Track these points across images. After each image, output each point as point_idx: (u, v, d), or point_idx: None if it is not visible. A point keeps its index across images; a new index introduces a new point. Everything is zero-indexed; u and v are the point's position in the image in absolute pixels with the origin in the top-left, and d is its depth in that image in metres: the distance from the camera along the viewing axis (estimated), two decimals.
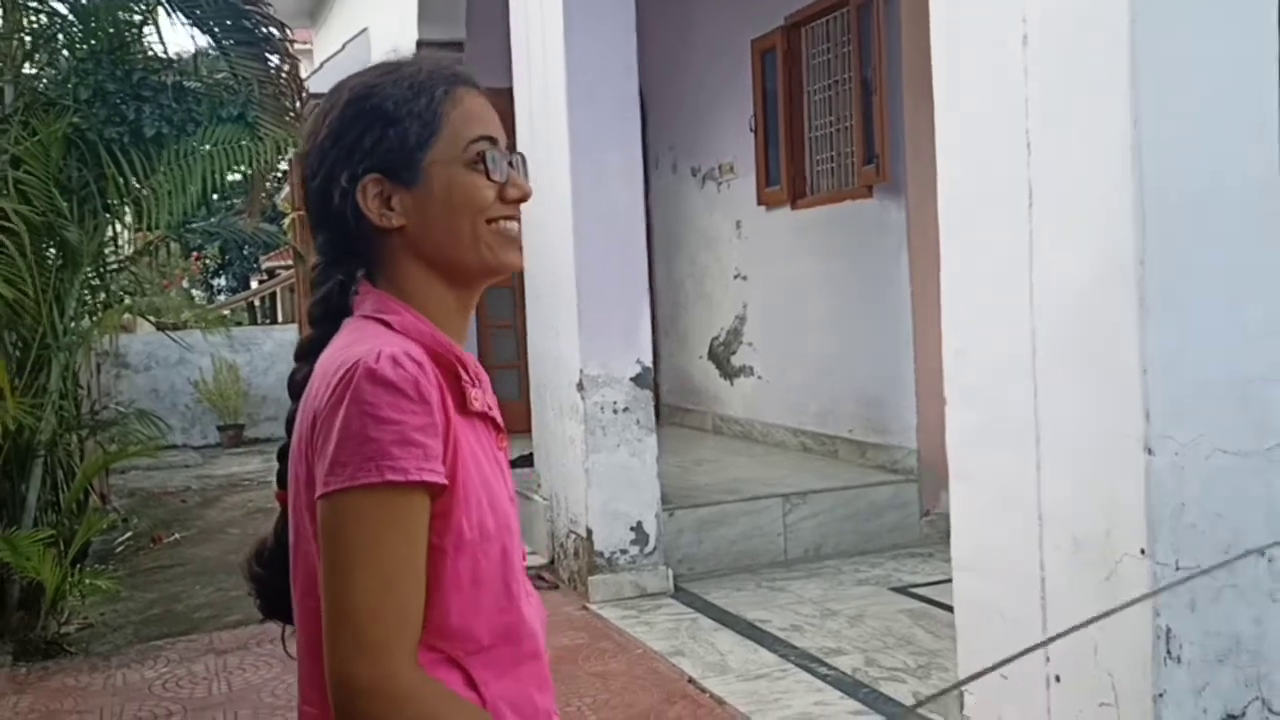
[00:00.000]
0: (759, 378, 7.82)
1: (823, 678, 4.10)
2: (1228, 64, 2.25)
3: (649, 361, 5.41)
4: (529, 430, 6.20)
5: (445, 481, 1.15)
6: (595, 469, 5.29)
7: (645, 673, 4.33)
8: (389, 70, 1.28)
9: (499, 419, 1.30)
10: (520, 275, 6.24)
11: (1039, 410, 2.45)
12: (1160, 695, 2.22)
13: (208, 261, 17.12)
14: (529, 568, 5.66)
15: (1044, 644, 2.34)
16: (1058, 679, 2.46)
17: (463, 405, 1.22)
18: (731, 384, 8.19)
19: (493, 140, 1.27)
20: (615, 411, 5.33)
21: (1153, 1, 2.18)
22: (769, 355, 7.68)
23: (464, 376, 1.24)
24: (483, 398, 1.27)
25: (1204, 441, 2.22)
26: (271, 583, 1.32)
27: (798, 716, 3.76)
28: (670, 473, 6.49)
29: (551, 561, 5.79)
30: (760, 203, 7.57)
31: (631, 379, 5.35)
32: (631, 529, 5.33)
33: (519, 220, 1.30)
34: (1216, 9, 2.23)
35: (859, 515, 5.95)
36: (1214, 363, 2.23)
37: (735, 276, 8.05)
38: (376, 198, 1.24)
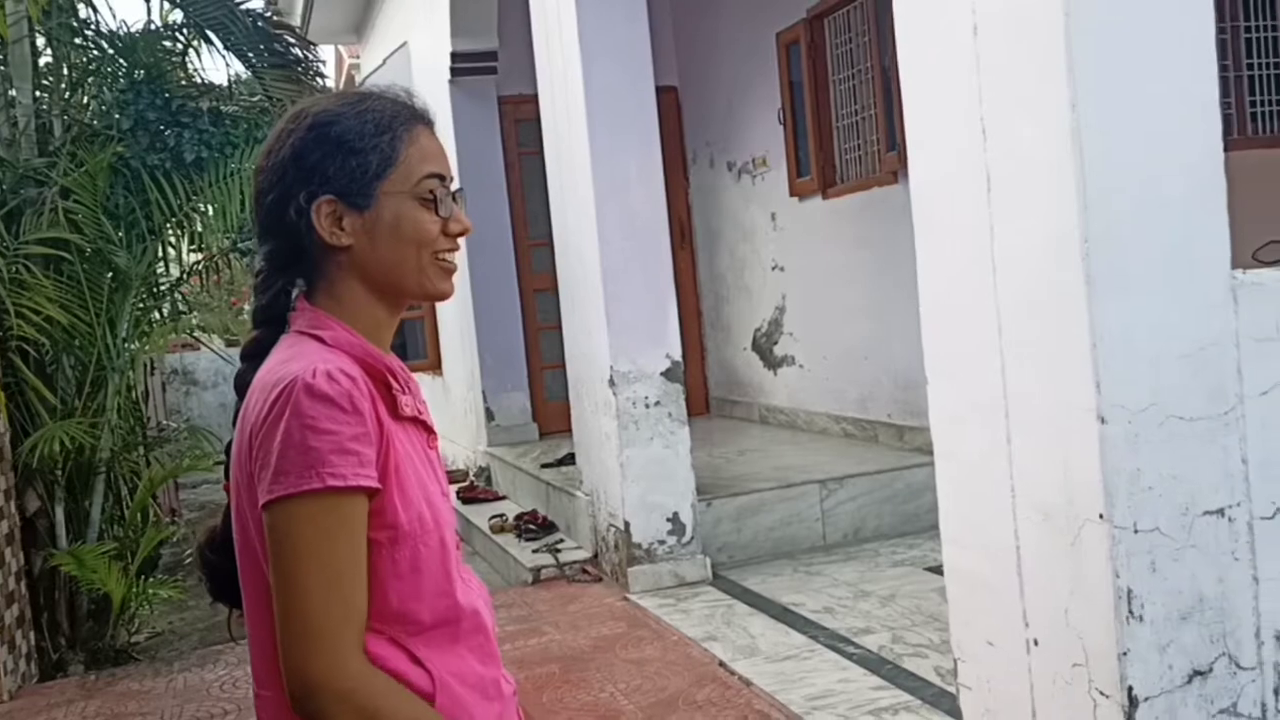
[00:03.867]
0: (801, 367, 7.90)
1: (849, 656, 4.19)
2: (1165, 47, 2.32)
3: (678, 356, 5.53)
4: (572, 429, 6.37)
5: (378, 485, 1.27)
6: (630, 463, 5.43)
7: (679, 658, 4.46)
8: (353, 103, 1.40)
9: (430, 422, 1.44)
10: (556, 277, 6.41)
11: (1006, 386, 2.54)
12: (1125, 654, 2.30)
13: None
14: (574, 562, 5.90)
15: None
16: (1036, 643, 2.54)
17: (394, 411, 1.35)
18: (775, 374, 8.28)
19: (441, 178, 1.40)
20: (647, 406, 5.46)
21: None
22: (809, 344, 7.76)
23: (394, 385, 1.37)
24: (412, 403, 1.39)
25: (1157, 409, 2.29)
26: (222, 568, 1.44)
27: (820, 694, 3.86)
28: (713, 464, 6.62)
29: (595, 555, 5.94)
30: (793, 194, 7.65)
31: (661, 374, 5.48)
32: (668, 520, 5.45)
33: (458, 251, 1.44)
34: None
35: (897, 497, 6.01)
36: (1163, 334, 2.30)
37: (773, 268, 8.13)
38: (329, 217, 1.36)
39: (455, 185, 1.44)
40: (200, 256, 6.64)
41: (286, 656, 1.24)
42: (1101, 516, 2.28)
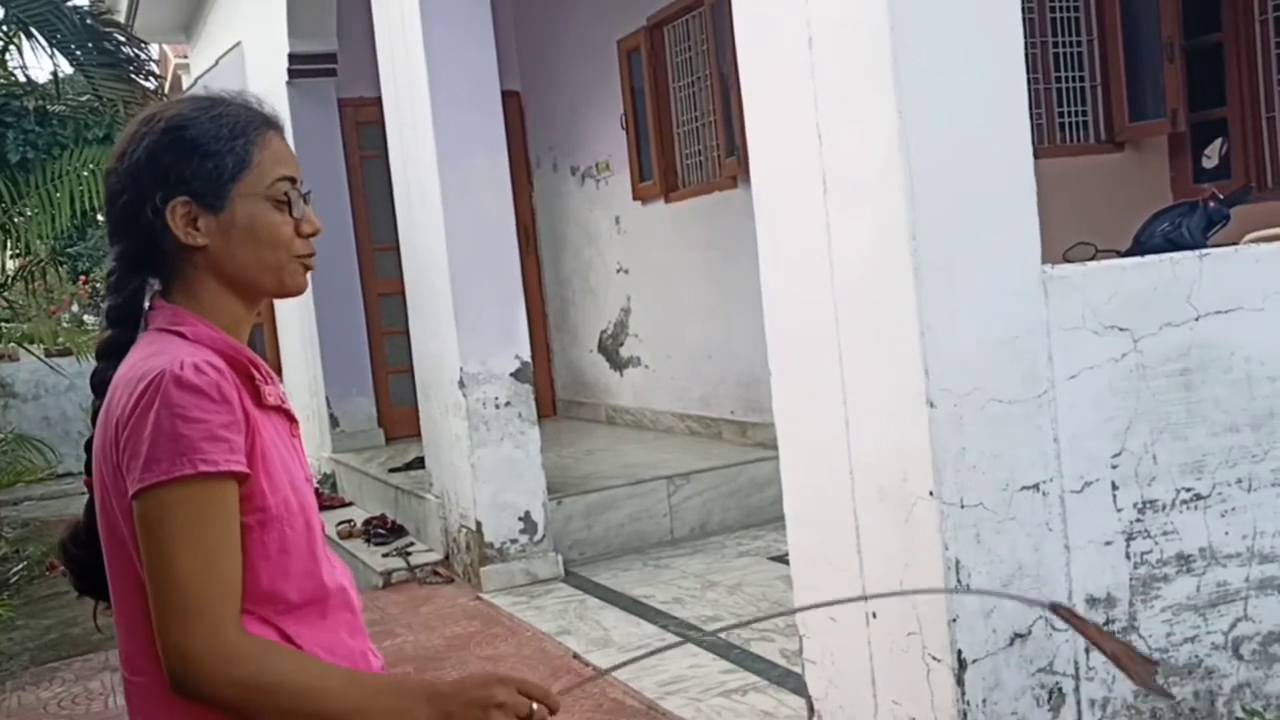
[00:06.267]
0: (646, 367, 8.06)
1: (699, 643, 4.34)
2: (981, 62, 2.53)
3: (527, 356, 5.60)
4: (420, 433, 6.36)
5: (248, 470, 1.33)
6: (481, 463, 5.47)
7: (533, 652, 4.53)
8: (206, 107, 1.45)
9: (291, 411, 1.50)
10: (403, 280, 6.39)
11: (845, 374, 2.71)
12: (954, 620, 2.49)
13: (96, 285, 16.84)
14: (425, 564, 5.89)
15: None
16: (875, 615, 2.72)
17: (259, 401, 1.40)
18: (621, 375, 8.42)
19: (293, 180, 1.47)
20: (497, 406, 5.51)
21: (910, 7, 2.44)
22: (654, 345, 7.92)
23: (257, 376, 1.42)
24: (276, 393, 1.46)
25: (979, 393, 2.49)
26: (85, 561, 1.47)
27: (672, 679, 3.99)
28: (562, 463, 6.70)
29: (446, 557, 5.95)
30: (636, 198, 7.80)
31: (511, 374, 5.54)
32: (520, 519, 5.51)
33: (314, 251, 1.50)
34: (967, 12, 2.51)
35: (741, 491, 6.21)
36: (984, 323, 2.50)
37: (618, 270, 8.27)
38: (184, 218, 1.41)
39: (305, 188, 1.51)
40: (20, 263, 6.37)
41: (165, 637, 1.28)
42: (931, 494, 2.47)
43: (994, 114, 2.54)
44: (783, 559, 5.47)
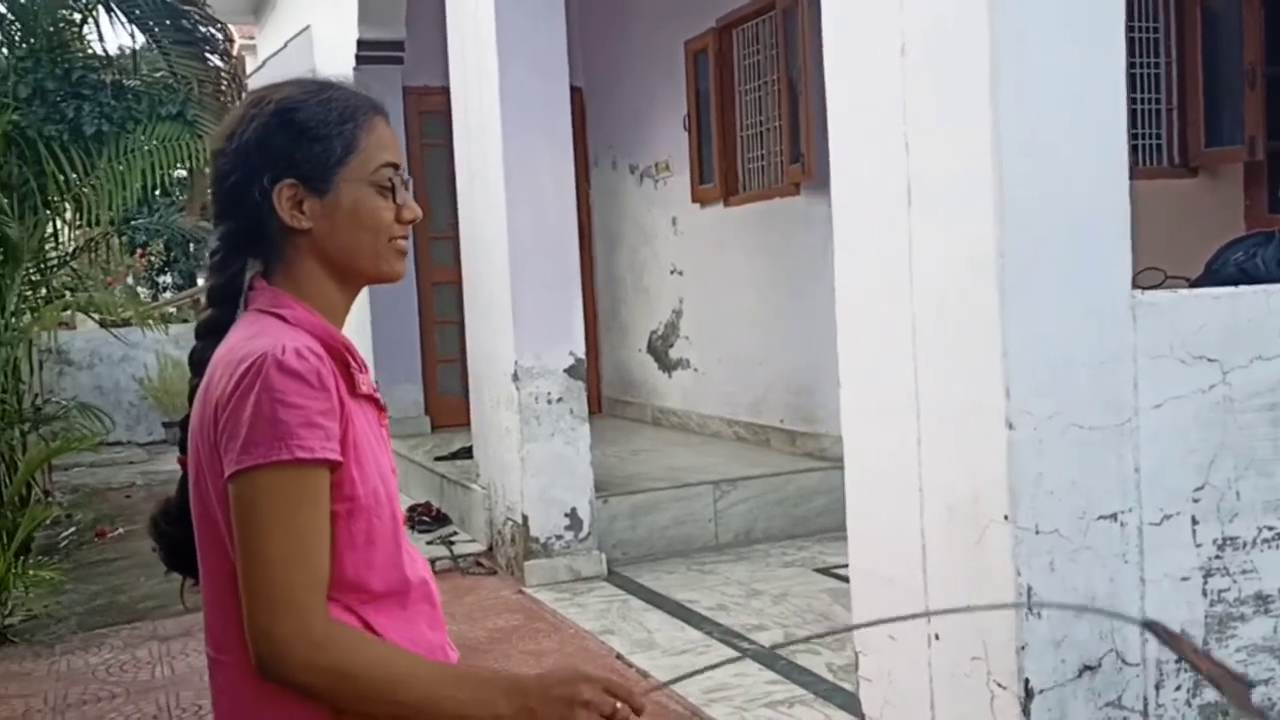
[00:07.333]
0: (695, 370, 8.02)
1: (744, 652, 4.30)
2: (1080, 74, 2.47)
3: (582, 353, 5.58)
4: (469, 423, 6.37)
5: (341, 459, 1.32)
6: (530, 457, 5.46)
7: (576, 650, 4.51)
8: (315, 91, 1.45)
9: (381, 400, 1.49)
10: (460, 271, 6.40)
11: (919, 390, 2.67)
12: (1023, 648, 2.44)
13: (152, 258, 17.06)
14: (468, 554, 5.90)
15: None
16: (937, 637, 2.67)
17: (352, 389, 1.40)
18: (670, 376, 8.39)
19: (396, 167, 1.46)
20: (549, 402, 5.50)
21: (1010, 19, 2.40)
22: (704, 348, 7.89)
23: (353, 364, 1.42)
24: (368, 381, 1.45)
25: (1060, 417, 2.44)
26: (176, 537, 1.48)
27: (717, 687, 3.95)
28: (608, 462, 6.68)
29: (490, 548, 5.95)
30: (695, 200, 7.77)
31: (565, 370, 5.53)
32: (566, 515, 5.50)
33: (409, 237, 1.50)
34: (1069, 26, 2.46)
35: (788, 500, 6.16)
36: (1068, 346, 2.45)
37: (672, 272, 8.24)
38: (290, 200, 1.40)
39: (405, 175, 1.50)
40: (85, 233, 6.45)
41: (253, 621, 1.28)
42: (1006, 517, 2.42)
43: (1091, 132, 2.48)
44: (828, 571, 5.42)
